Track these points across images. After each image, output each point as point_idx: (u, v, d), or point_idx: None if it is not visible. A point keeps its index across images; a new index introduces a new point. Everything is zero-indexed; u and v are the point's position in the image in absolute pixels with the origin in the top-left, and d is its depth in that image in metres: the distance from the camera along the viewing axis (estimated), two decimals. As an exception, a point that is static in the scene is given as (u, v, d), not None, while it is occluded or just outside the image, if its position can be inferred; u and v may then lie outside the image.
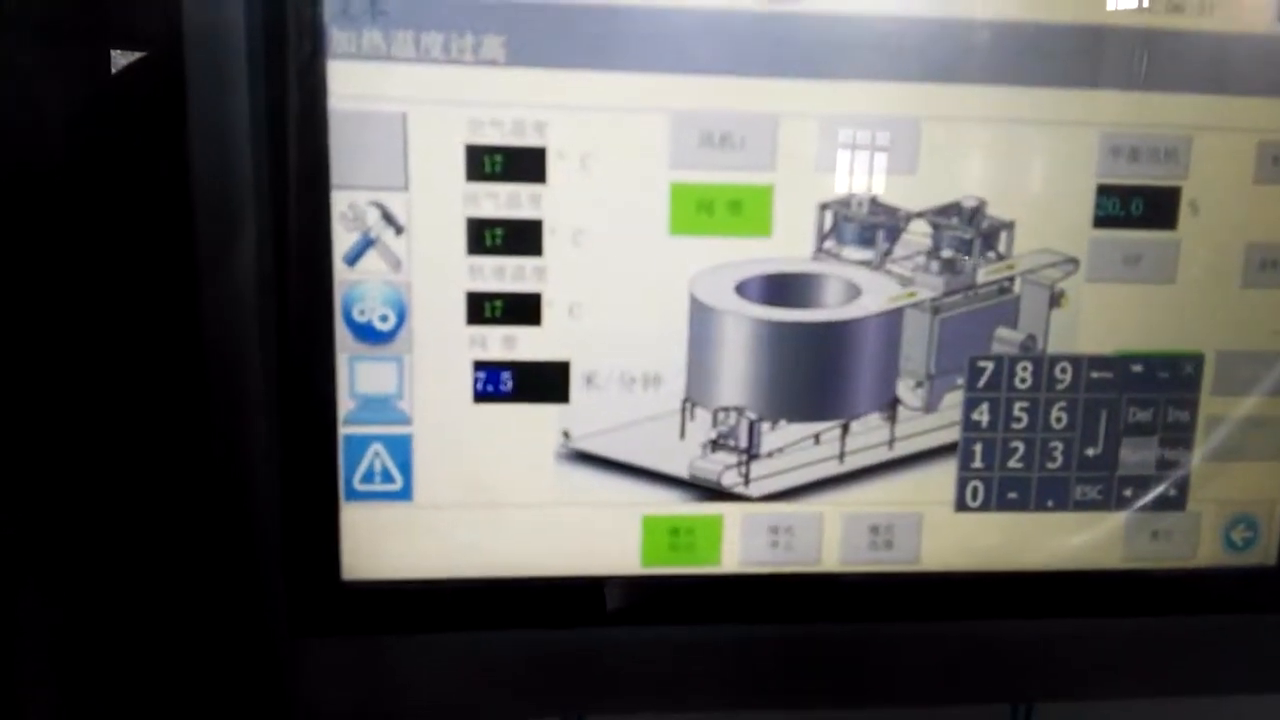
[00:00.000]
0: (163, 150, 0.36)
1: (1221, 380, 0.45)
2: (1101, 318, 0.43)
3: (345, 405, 0.40)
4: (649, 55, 0.39)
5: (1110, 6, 0.41)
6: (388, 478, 0.41)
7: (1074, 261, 0.43)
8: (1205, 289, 0.44)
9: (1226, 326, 0.44)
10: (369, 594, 0.42)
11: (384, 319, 0.39)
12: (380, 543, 0.41)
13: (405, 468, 0.41)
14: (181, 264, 0.38)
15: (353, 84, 0.37)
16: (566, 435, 0.41)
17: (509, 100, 0.38)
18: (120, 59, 0.34)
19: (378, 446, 0.40)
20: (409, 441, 0.41)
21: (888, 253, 0.42)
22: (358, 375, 0.40)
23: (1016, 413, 0.44)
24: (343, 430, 0.40)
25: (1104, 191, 0.42)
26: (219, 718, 0.42)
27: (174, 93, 0.35)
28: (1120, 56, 0.41)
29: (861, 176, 0.41)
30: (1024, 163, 0.42)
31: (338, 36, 0.37)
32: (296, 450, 0.40)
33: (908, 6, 0.39)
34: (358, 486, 0.41)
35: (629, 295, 0.41)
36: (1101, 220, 0.43)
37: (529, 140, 0.39)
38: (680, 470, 0.43)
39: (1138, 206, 0.43)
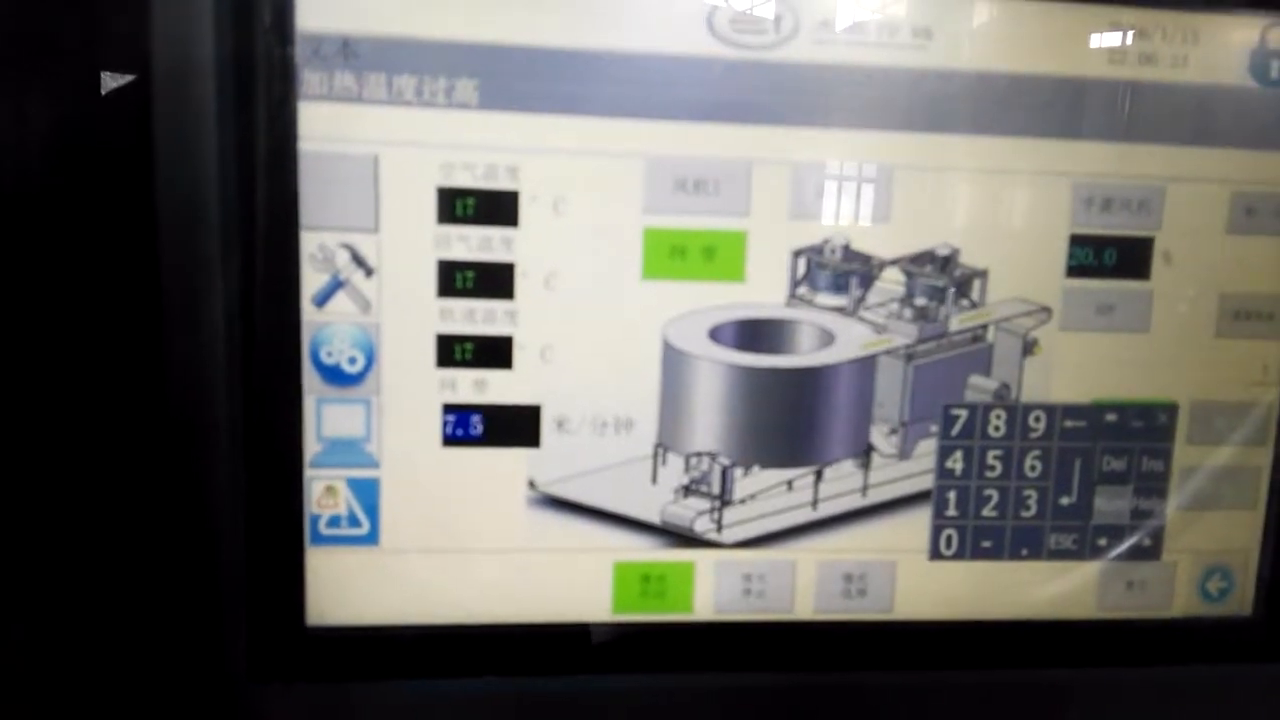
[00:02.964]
0: (130, 190, 0.36)
1: (1196, 429, 0.45)
2: (1075, 366, 0.43)
3: (312, 448, 0.39)
4: (623, 100, 0.39)
5: (1084, 59, 0.41)
6: (354, 522, 0.40)
7: (1047, 310, 0.43)
8: (1179, 338, 0.44)
9: (1200, 376, 0.45)
10: (333, 639, 0.41)
11: (352, 361, 0.39)
12: (346, 587, 0.41)
13: (372, 511, 0.40)
14: (147, 304, 0.37)
15: (324, 125, 0.37)
16: (532, 485, 0.41)
17: (482, 143, 0.38)
18: (87, 99, 0.34)
19: (344, 490, 0.40)
20: (376, 485, 0.40)
21: (861, 300, 0.42)
22: (325, 417, 0.39)
23: (990, 461, 0.44)
24: (309, 473, 0.40)
25: (1077, 241, 0.43)
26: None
27: (141, 132, 0.35)
28: (1094, 107, 0.42)
29: (835, 223, 0.41)
30: (997, 212, 0.42)
31: (309, 78, 0.37)
32: (261, 492, 0.39)
33: (881, 56, 0.40)
34: (323, 530, 0.40)
35: (601, 339, 0.40)
36: (1074, 270, 0.43)
37: (501, 184, 0.39)
38: (652, 516, 0.42)
39: (1111, 256, 0.43)
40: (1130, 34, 0.41)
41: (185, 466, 0.39)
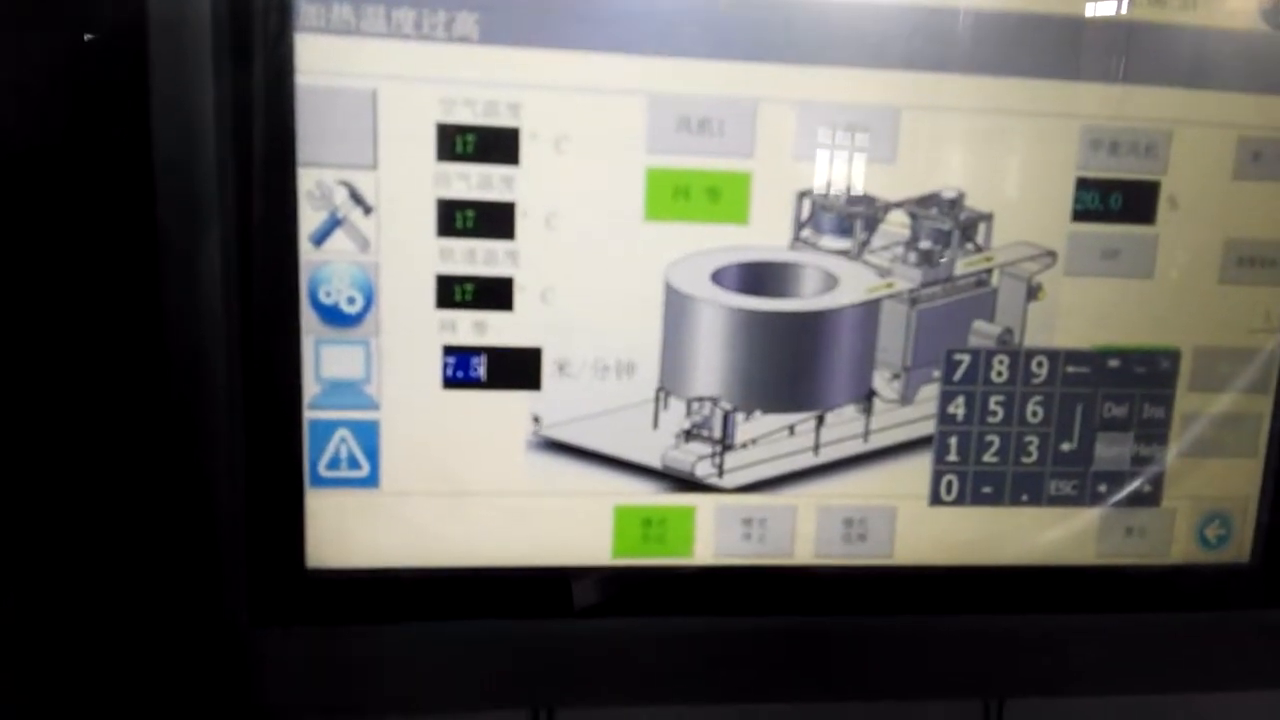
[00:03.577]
0: (125, 128, 0.35)
1: (1198, 376, 0.45)
2: (1079, 312, 0.43)
3: (311, 389, 0.39)
4: (626, 36, 0.38)
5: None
6: (354, 464, 0.40)
7: (1052, 255, 0.43)
8: (1183, 285, 0.44)
9: (1204, 322, 0.44)
10: (334, 582, 0.41)
11: (351, 301, 0.39)
12: (346, 530, 0.40)
13: (372, 454, 0.40)
14: (144, 246, 0.37)
15: (321, 59, 0.36)
16: (537, 421, 0.40)
17: (482, 79, 0.37)
18: (82, 38, 0.33)
19: (344, 432, 0.40)
20: (376, 427, 0.40)
21: (865, 243, 0.41)
22: (324, 359, 0.39)
23: (992, 407, 0.44)
24: (308, 415, 0.39)
25: (1083, 185, 0.42)
26: (179, 708, 0.41)
27: (137, 68, 0.34)
28: (1102, 49, 0.41)
29: (840, 165, 0.40)
30: (1004, 154, 0.41)
31: (306, 10, 0.36)
32: (260, 435, 0.39)
33: (889, -7, 0.39)
34: (323, 472, 0.40)
35: (603, 281, 0.40)
36: (1080, 214, 0.42)
37: (502, 120, 0.38)
38: (653, 460, 0.42)
39: (1116, 200, 0.43)
40: (1140, -27, 0.41)
41: (184, 409, 0.38)
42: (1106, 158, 0.42)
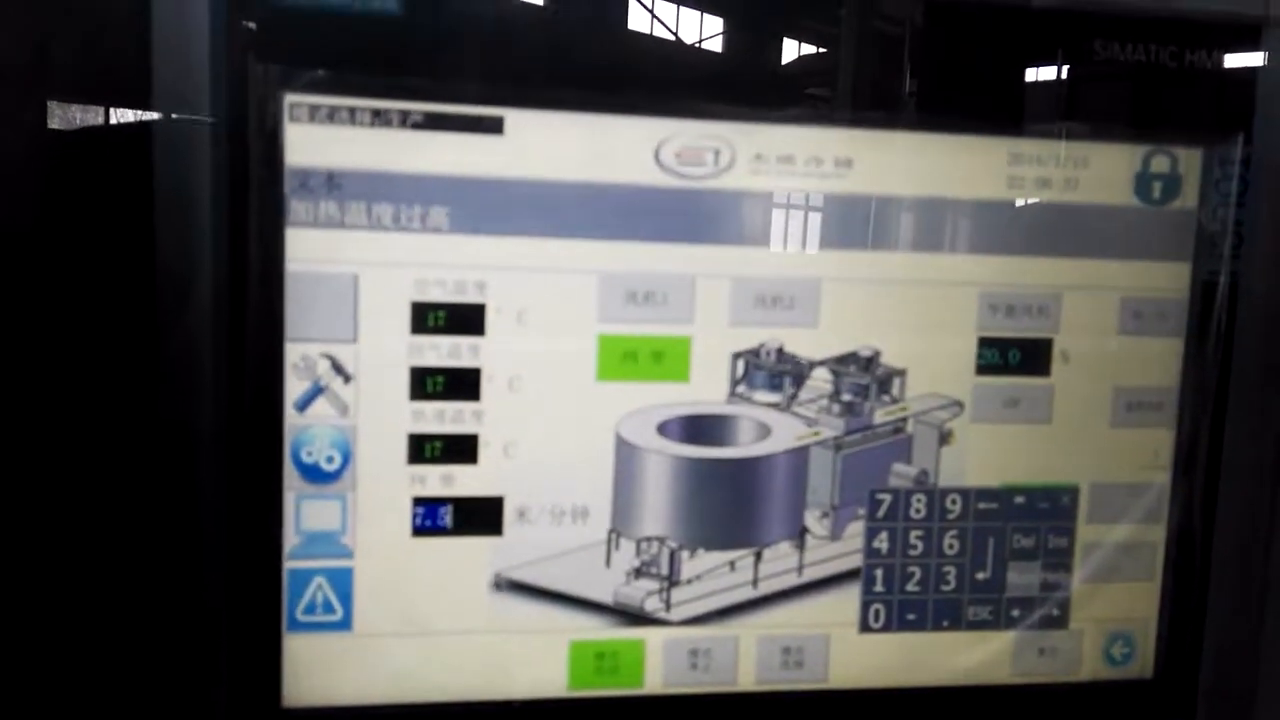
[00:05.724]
0: (133, 307, 0.39)
1: (1096, 510, 0.50)
2: (986, 454, 0.48)
3: (291, 541, 0.42)
4: (579, 224, 0.43)
5: (987, 184, 0.47)
6: (329, 609, 0.43)
7: (960, 404, 0.48)
8: (1078, 428, 0.49)
9: (1099, 461, 0.49)
10: None
11: (330, 460, 0.42)
12: (320, 670, 0.43)
13: (346, 599, 0.43)
14: (142, 417, 0.40)
15: (308, 249, 0.41)
16: (495, 571, 0.44)
17: (452, 262, 0.42)
18: (98, 234, 0.38)
19: (320, 580, 0.43)
20: (350, 574, 0.43)
21: (794, 396, 0.46)
22: (303, 513, 0.42)
23: (913, 541, 0.48)
24: (288, 565, 0.42)
25: (985, 343, 0.48)
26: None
27: (145, 260, 0.39)
28: (997, 226, 0.47)
29: (770, 329, 0.45)
30: (914, 318, 0.47)
31: (296, 207, 0.40)
32: (242, 583, 0.42)
33: (808, 184, 0.45)
34: (300, 617, 0.43)
35: (560, 435, 0.44)
36: (983, 368, 0.48)
37: (470, 298, 0.42)
38: (606, 597, 0.46)
39: (1015, 356, 0.48)
40: (1027, 162, 0.47)
41: (172, 560, 0.42)
42: (1004, 319, 0.48)
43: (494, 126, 0.42)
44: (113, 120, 0.39)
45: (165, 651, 0.42)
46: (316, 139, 0.40)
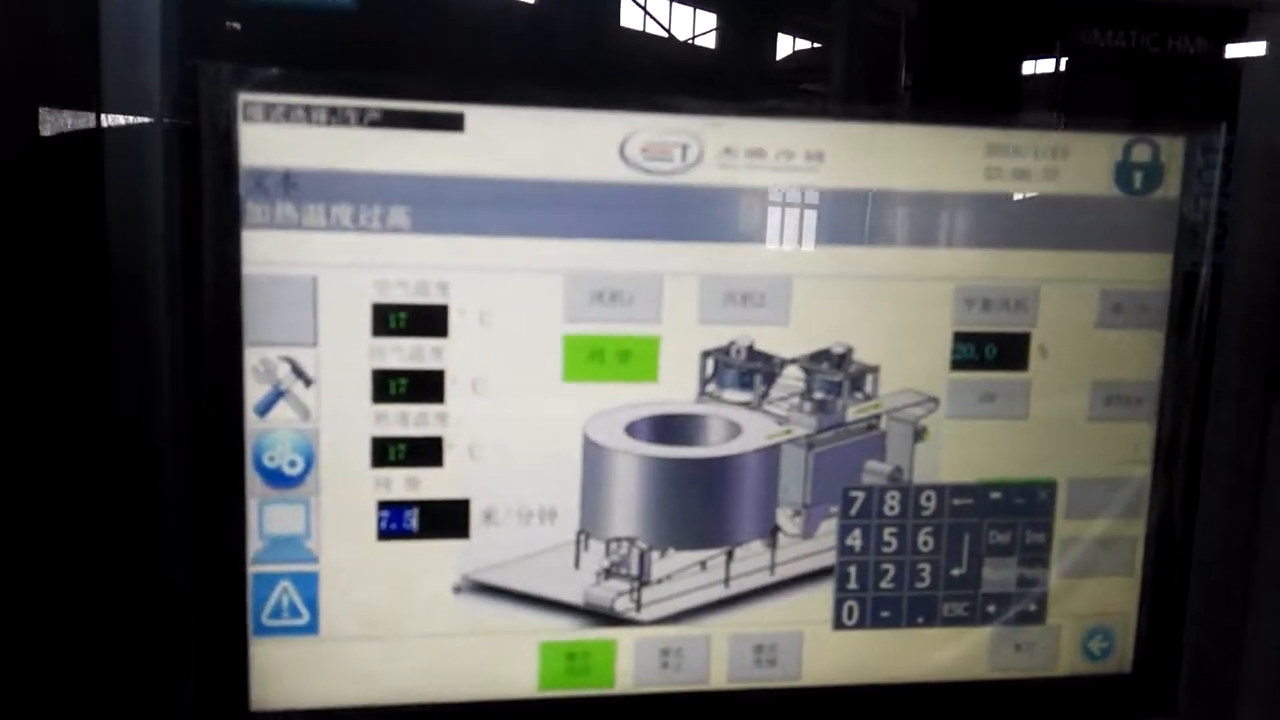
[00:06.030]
0: (87, 314, 0.39)
1: (1074, 505, 0.49)
2: (962, 450, 0.48)
3: (255, 545, 0.42)
4: (543, 222, 0.42)
5: (963, 176, 0.46)
6: (295, 613, 0.43)
7: (934, 401, 0.47)
8: (1055, 423, 0.48)
9: (1076, 456, 0.49)
10: (276, 723, 0.44)
11: (293, 464, 0.42)
12: (287, 674, 0.43)
13: (311, 603, 0.43)
14: (102, 423, 0.40)
15: (266, 251, 0.40)
16: (461, 574, 0.44)
17: (413, 263, 0.41)
18: (45, 242, 0.37)
19: (285, 584, 0.43)
20: (316, 579, 0.43)
21: (765, 395, 0.46)
22: (267, 518, 0.42)
23: (886, 538, 0.48)
24: (252, 569, 0.42)
25: (960, 338, 0.47)
26: None
27: (99, 265, 0.38)
28: (973, 218, 0.46)
29: (740, 327, 0.45)
30: (887, 313, 0.46)
31: (252, 209, 0.40)
32: (207, 588, 0.42)
33: (778, 178, 0.44)
34: (266, 622, 0.43)
35: (526, 437, 0.44)
36: (958, 363, 0.47)
37: (432, 299, 0.42)
38: (576, 598, 0.45)
39: (991, 351, 0.47)
40: (1005, 153, 0.46)
41: (135, 567, 0.41)
42: (980, 314, 0.47)
43: (454, 123, 0.41)
44: (62, 122, 0.38)
45: (133, 657, 0.42)
46: (271, 139, 0.39)
